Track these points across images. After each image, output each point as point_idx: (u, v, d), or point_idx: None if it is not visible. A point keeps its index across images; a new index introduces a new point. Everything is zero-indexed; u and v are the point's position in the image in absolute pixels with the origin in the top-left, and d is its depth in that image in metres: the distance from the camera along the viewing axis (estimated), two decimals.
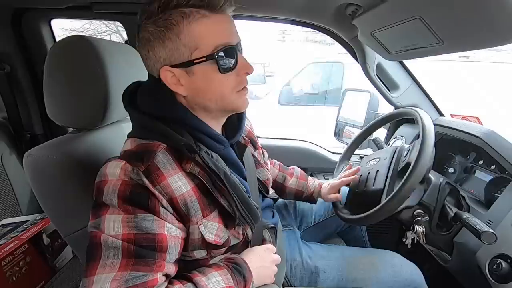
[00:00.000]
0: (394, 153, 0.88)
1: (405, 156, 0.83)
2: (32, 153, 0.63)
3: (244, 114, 0.67)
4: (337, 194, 0.91)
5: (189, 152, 0.52)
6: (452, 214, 0.77)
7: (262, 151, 0.87)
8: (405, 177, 0.70)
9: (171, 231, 0.50)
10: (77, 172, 0.63)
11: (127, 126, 0.84)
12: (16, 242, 0.91)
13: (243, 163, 0.67)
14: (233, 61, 0.53)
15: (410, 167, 0.70)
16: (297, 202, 1.10)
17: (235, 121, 0.66)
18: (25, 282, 0.91)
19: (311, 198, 0.98)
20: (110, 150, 0.73)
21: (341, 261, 0.84)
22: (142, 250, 0.46)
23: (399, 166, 0.82)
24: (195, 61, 0.51)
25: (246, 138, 0.73)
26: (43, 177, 0.63)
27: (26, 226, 1.02)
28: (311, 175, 1.54)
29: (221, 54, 0.51)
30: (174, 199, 0.50)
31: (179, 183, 0.52)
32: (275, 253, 0.67)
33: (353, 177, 0.91)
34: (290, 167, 1.04)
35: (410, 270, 0.82)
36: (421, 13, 0.64)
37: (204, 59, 0.51)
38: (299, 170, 1.04)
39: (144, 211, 0.48)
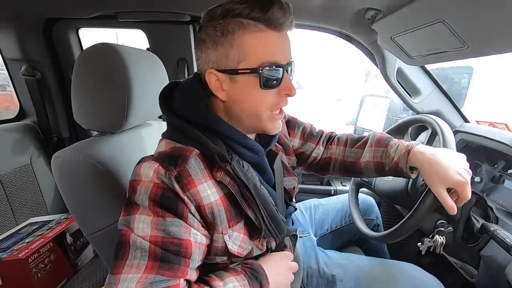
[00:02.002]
0: None
1: None
2: (59, 155, 0.66)
3: None
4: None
5: (221, 161, 0.52)
6: (479, 226, 0.73)
7: (310, 127, 0.84)
8: (421, 198, 0.68)
9: (196, 238, 0.51)
10: (100, 174, 0.65)
11: (147, 131, 0.87)
12: (42, 240, 0.96)
13: (273, 171, 0.66)
14: (277, 80, 0.53)
15: (427, 188, 0.67)
16: (313, 208, 1.08)
17: None
18: (49, 279, 0.95)
19: (397, 171, 0.72)
20: (131, 153, 0.75)
21: (359, 270, 0.81)
22: (167, 254, 0.47)
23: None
24: (239, 71, 0.52)
25: (278, 145, 0.72)
26: (69, 178, 0.66)
27: (51, 225, 1.06)
28: (328, 182, 1.52)
29: (266, 70, 0.51)
30: (201, 206, 0.51)
31: (208, 192, 0.52)
32: (292, 261, 0.66)
33: None
34: (366, 134, 0.82)
35: (431, 284, 0.79)
36: (444, 16, 0.62)
37: (249, 71, 0.51)
38: (377, 134, 0.79)
39: (172, 216, 0.49)
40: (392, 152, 0.72)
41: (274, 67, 0.52)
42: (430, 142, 0.86)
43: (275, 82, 0.53)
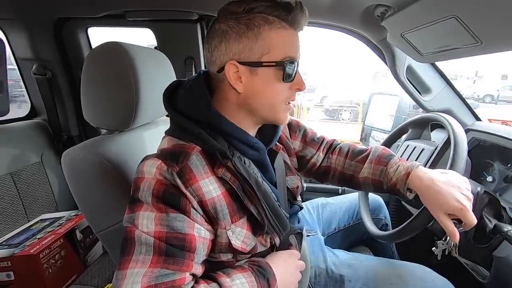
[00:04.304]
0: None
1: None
2: (69, 153, 0.67)
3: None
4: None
5: (222, 158, 0.53)
6: (491, 226, 0.71)
7: (312, 132, 0.84)
8: None
9: (200, 232, 0.51)
10: (108, 171, 0.66)
11: (154, 129, 0.87)
12: (53, 236, 0.97)
13: (274, 170, 0.67)
14: (293, 74, 0.56)
15: None
16: (320, 207, 1.07)
17: (271, 127, 0.66)
18: (60, 275, 0.96)
19: (395, 191, 0.71)
20: (139, 150, 0.76)
21: (368, 271, 0.80)
22: (172, 249, 0.48)
23: None
24: (264, 63, 0.54)
25: (278, 144, 0.72)
26: (78, 175, 0.67)
27: (61, 222, 1.08)
28: None
29: (288, 64, 0.54)
30: (204, 201, 0.52)
31: (210, 187, 0.53)
32: (299, 259, 0.66)
33: None
34: (369, 147, 0.81)
35: (441, 285, 0.77)
36: (457, 12, 0.61)
37: (274, 64, 0.54)
38: (378, 150, 0.77)
39: (175, 211, 0.49)
40: (391, 173, 0.71)
41: (292, 61, 0.55)
42: (446, 144, 0.86)
43: (292, 76, 0.56)
